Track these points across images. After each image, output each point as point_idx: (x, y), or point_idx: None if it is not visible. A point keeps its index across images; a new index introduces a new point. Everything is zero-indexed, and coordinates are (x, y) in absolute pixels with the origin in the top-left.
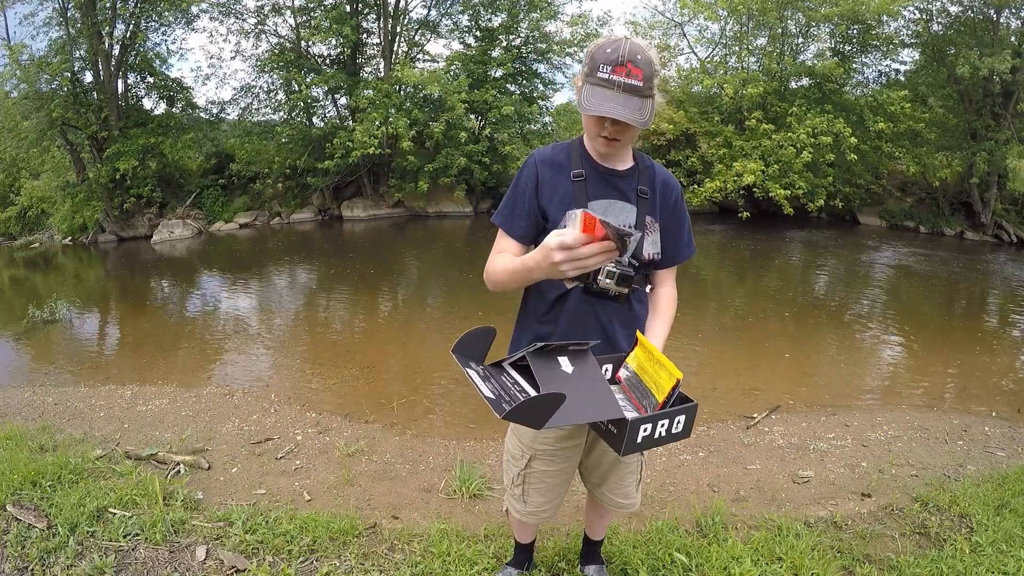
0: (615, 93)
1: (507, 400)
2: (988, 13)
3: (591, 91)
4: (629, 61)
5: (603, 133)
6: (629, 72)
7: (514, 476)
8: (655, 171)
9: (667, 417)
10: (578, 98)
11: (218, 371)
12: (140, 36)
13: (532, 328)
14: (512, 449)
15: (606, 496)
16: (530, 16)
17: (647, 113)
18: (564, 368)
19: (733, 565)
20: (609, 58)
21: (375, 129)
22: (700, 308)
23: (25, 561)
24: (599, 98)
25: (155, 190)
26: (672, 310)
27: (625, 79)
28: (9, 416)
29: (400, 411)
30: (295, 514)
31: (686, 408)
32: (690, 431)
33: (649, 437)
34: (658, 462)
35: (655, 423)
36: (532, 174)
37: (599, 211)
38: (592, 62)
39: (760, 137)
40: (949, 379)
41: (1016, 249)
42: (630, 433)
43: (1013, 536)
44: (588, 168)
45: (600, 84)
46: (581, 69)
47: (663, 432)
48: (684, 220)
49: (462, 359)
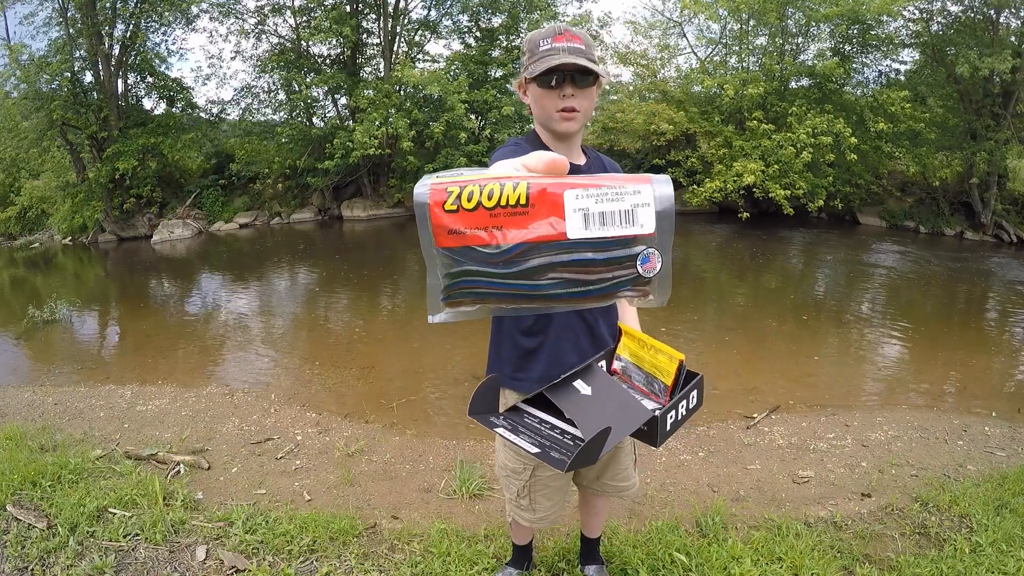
0: (562, 55)
1: (557, 449)
2: (988, 13)
3: (536, 65)
4: (566, 31)
5: (563, 105)
6: (569, 39)
7: (519, 489)
8: (603, 161)
9: (684, 397)
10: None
11: (218, 371)
12: (140, 36)
13: (516, 341)
14: (510, 464)
15: (607, 484)
16: (530, 17)
17: (597, 66)
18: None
19: (733, 565)
20: (545, 34)
21: (375, 129)
22: (700, 308)
23: (25, 561)
24: (545, 60)
25: (155, 190)
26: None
27: (568, 43)
28: (9, 416)
29: (400, 411)
30: (295, 514)
31: (696, 383)
32: (702, 400)
33: (676, 422)
34: (658, 462)
35: (677, 407)
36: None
37: None
38: (531, 45)
39: (760, 137)
40: (949, 379)
41: (1016, 249)
42: (661, 426)
43: (1013, 536)
44: None
45: (544, 56)
46: (522, 67)
47: (684, 412)
48: None
49: (482, 418)
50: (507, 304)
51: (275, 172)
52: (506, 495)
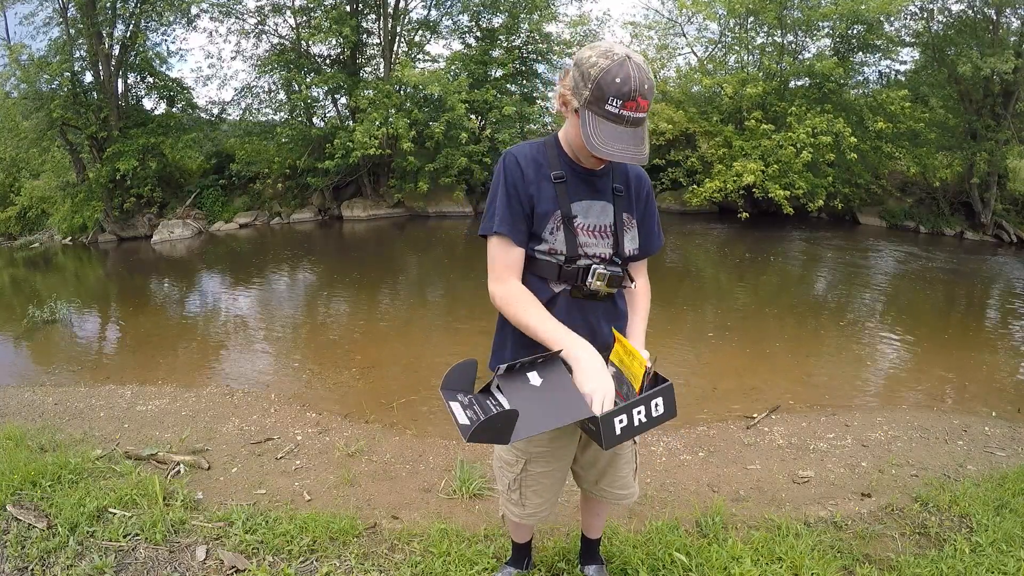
0: (624, 129)
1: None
2: (988, 13)
3: (597, 123)
4: (639, 95)
5: (601, 161)
6: (638, 106)
7: (510, 482)
8: (626, 166)
9: (642, 403)
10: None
11: (218, 371)
12: (140, 36)
13: (520, 339)
14: (505, 456)
15: (605, 491)
16: (530, 17)
17: (647, 141)
18: (532, 382)
19: (733, 565)
20: (620, 91)
21: (375, 129)
22: (700, 308)
23: (25, 561)
24: (607, 135)
25: (155, 190)
26: (648, 300)
27: (634, 114)
28: (9, 416)
29: (400, 411)
30: (295, 514)
31: (660, 390)
32: (674, 410)
33: (629, 426)
34: (658, 462)
35: (629, 412)
36: (519, 174)
37: (579, 212)
38: (599, 91)
39: (760, 137)
40: (949, 379)
41: (1016, 249)
42: (604, 427)
43: (1013, 536)
44: (566, 168)
45: (608, 118)
46: (575, 84)
47: (642, 419)
48: (654, 212)
49: (449, 393)
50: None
51: (275, 172)
52: (499, 487)
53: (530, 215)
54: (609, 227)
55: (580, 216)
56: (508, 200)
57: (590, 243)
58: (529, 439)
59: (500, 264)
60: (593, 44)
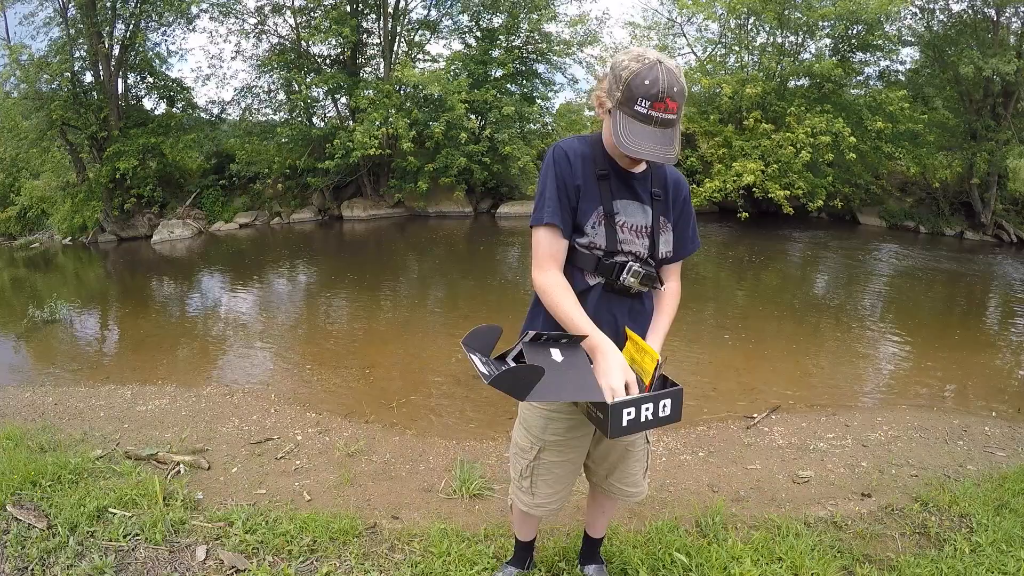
0: (652, 129)
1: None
2: (988, 13)
3: (627, 123)
4: (667, 97)
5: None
6: (667, 108)
7: (523, 468)
8: (666, 171)
9: (651, 401)
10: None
11: (218, 371)
12: (140, 36)
13: (550, 321)
14: (521, 442)
15: (615, 487)
16: (530, 17)
17: (677, 143)
18: (555, 357)
19: (733, 565)
20: (649, 92)
21: (375, 129)
22: (700, 308)
23: (25, 561)
24: (637, 135)
25: (155, 190)
26: (676, 303)
27: (663, 115)
28: (9, 416)
29: (400, 411)
30: (295, 514)
31: (670, 392)
32: (680, 414)
33: (635, 420)
34: (658, 462)
35: (638, 406)
36: (567, 167)
37: (620, 210)
38: (629, 92)
39: (759, 137)
40: (949, 379)
41: (1016, 249)
42: (613, 416)
43: (1013, 536)
44: (610, 167)
45: (637, 118)
46: (609, 87)
47: (649, 416)
48: (691, 217)
49: (470, 348)
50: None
51: (275, 172)
52: (512, 475)
53: (575, 207)
54: (646, 228)
55: (621, 213)
56: (557, 192)
57: (629, 240)
58: (545, 427)
59: (545, 253)
60: (628, 49)
